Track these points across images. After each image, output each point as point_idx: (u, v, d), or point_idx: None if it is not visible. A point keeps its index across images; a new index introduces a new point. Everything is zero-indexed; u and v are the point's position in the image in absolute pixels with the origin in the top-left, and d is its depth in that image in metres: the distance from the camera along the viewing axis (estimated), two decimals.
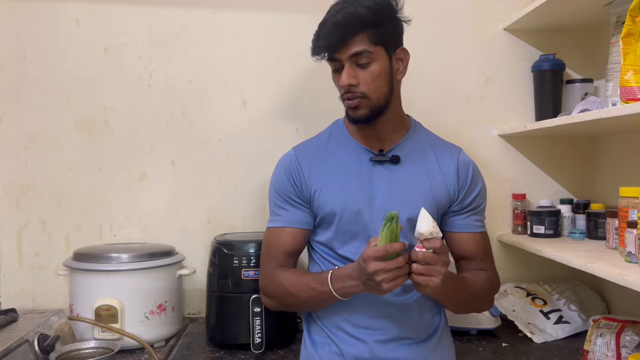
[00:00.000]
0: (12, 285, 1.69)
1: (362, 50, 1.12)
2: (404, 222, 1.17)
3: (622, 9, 1.27)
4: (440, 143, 1.29)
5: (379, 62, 1.14)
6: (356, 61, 1.13)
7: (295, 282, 1.17)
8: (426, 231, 1.01)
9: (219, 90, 1.74)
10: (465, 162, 1.26)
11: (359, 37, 1.12)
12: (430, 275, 1.02)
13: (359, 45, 1.12)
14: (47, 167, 1.70)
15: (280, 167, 1.26)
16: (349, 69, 1.13)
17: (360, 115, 1.17)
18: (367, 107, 1.16)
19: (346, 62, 1.14)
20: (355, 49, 1.12)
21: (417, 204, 1.18)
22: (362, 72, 1.14)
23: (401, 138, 1.24)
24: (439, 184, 1.22)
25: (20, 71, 1.69)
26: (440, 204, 1.22)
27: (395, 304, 1.18)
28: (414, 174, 1.22)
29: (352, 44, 1.12)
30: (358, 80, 1.14)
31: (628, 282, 1.06)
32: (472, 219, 1.25)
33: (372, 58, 1.13)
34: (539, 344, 1.50)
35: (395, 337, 1.18)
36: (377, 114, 1.17)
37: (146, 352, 1.41)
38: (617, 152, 1.69)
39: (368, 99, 1.15)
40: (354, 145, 1.24)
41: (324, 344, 1.21)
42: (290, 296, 1.18)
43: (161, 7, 1.72)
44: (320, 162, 1.23)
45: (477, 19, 1.78)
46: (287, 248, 1.22)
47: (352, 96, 1.15)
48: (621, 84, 1.14)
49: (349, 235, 1.19)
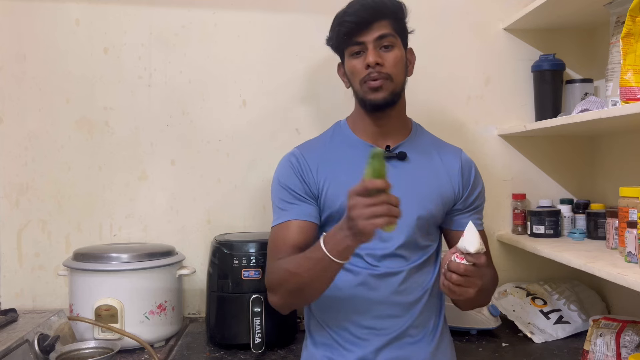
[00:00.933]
0: (12, 285, 1.69)
1: (388, 33, 1.17)
2: (414, 219, 1.18)
3: (622, 9, 1.27)
4: (442, 144, 1.31)
5: (399, 49, 1.20)
6: (381, 44, 1.17)
7: (294, 261, 1.12)
8: (475, 248, 1.00)
9: (219, 90, 1.74)
10: (468, 162, 1.28)
11: (384, 22, 1.17)
12: (467, 287, 1.02)
13: (385, 28, 1.17)
14: (47, 167, 1.70)
15: (286, 163, 1.25)
16: (374, 50, 1.16)
17: (381, 97, 1.18)
18: (389, 89, 1.18)
19: (370, 44, 1.17)
20: (381, 32, 1.16)
21: (425, 201, 1.19)
22: (386, 54, 1.18)
23: (404, 138, 1.25)
24: (445, 182, 1.23)
25: (20, 71, 1.69)
26: (446, 202, 1.23)
27: (398, 304, 1.18)
28: (421, 171, 1.22)
29: (378, 27, 1.16)
30: (384, 61, 1.17)
31: (628, 282, 1.06)
32: (474, 217, 1.26)
33: (395, 43, 1.18)
34: (539, 344, 1.50)
35: (397, 336, 1.18)
36: (393, 101, 1.20)
37: (146, 352, 1.41)
38: (617, 152, 1.69)
39: (391, 80, 1.18)
40: (359, 142, 1.24)
41: (326, 345, 1.20)
42: (292, 277, 1.12)
43: (161, 7, 1.72)
44: (326, 159, 1.23)
45: (477, 19, 1.78)
46: (294, 241, 1.17)
47: (377, 76, 1.17)
48: (621, 84, 1.14)
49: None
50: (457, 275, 1.02)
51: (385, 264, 1.18)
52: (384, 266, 1.18)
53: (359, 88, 1.20)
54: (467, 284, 1.02)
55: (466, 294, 1.03)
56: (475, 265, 1.02)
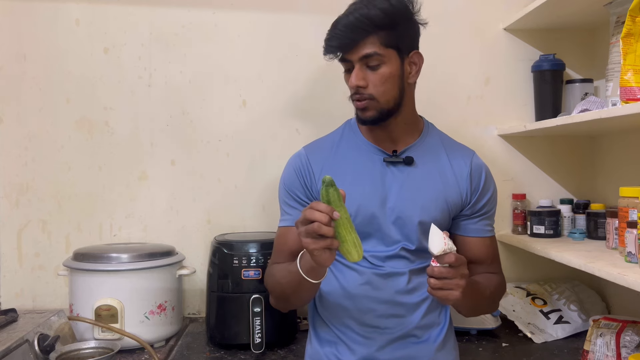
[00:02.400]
0: (12, 285, 1.69)
1: (372, 52, 1.12)
2: (416, 225, 1.17)
3: (622, 9, 1.27)
4: (454, 146, 1.28)
5: (389, 65, 1.14)
6: (366, 63, 1.14)
7: (281, 271, 1.16)
8: (438, 250, 1.00)
9: (219, 90, 1.74)
10: (478, 166, 1.25)
11: (370, 39, 1.12)
12: (450, 289, 1.02)
13: (370, 47, 1.12)
14: (47, 167, 1.70)
15: (291, 166, 1.25)
16: (359, 70, 1.14)
17: (368, 116, 1.17)
18: (375, 109, 1.16)
19: (356, 63, 1.14)
20: (365, 51, 1.12)
21: (429, 207, 1.18)
22: (371, 74, 1.14)
23: (414, 140, 1.24)
24: (452, 187, 1.22)
25: (20, 71, 1.69)
26: (452, 207, 1.21)
27: (402, 304, 1.18)
28: (427, 176, 1.21)
29: (363, 46, 1.12)
30: (367, 82, 1.14)
31: (628, 282, 1.06)
32: (483, 223, 1.25)
33: (382, 61, 1.13)
34: (539, 344, 1.50)
35: (402, 335, 1.18)
36: (385, 116, 1.17)
37: (146, 352, 1.41)
38: (617, 152, 1.69)
39: (376, 101, 1.15)
40: (367, 145, 1.23)
41: (331, 342, 1.21)
42: (278, 285, 1.17)
43: (161, 7, 1.72)
44: (331, 162, 1.22)
45: (477, 19, 1.78)
46: (292, 248, 1.19)
47: (360, 97, 1.15)
48: (621, 84, 1.14)
49: (363, 236, 1.16)
50: (433, 279, 1.02)
51: (390, 264, 1.18)
52: (388, 266, 1.18)
53: (352, 102, 1.20)
54: (447, 287, 1.01)
55: (451, 296, 1.02)
56: (451, 266, 1.01)
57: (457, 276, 1.02)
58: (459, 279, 1.02)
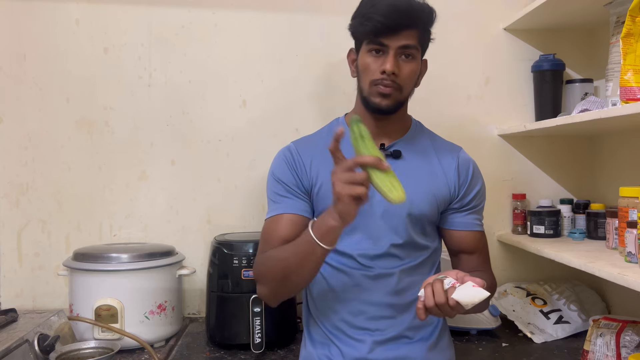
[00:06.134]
0: (12, 285, 1.69)
1: (412, 44, 1.14)
2: (404, 217, 1.17)
3: (622, 9, 1.27)
4: (441, 142, 1.29)
5: (416, 62, 1.17)
6: (402, 52, 1.14)
7: (282, 249, 1.13)
8: (466, 304, 0.97)
9: (219, 90, 1.74)
10: (465, 160, 1.26)
11: (413, 31, 1.14)
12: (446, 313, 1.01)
13: (411, 39, 1.13)
14: (47, 167, 1.70)
15: (281, 157, 1.25)
16: (394, 57, 1.13)
17: (386, 105, 1.16)
18: (397, 99, 1.17)
19: (392, 50, 1.13)
20: (407, 42, 1.13)
21: (417, 200, 1.18)
22: (404, 65, 1.15)
23: (402, 135, 1.25)
24: (440, 180, 1.22)
25: (20, 71, 1.69)
26: (440, 201, 1.22)
27: (393, 305, 1.18)
28: (415, 170, 1.22)
29: (406, 35, 1.13)
30: (400, 71, 1.14)
31: (628, 282, 1.06)
32: (472, 217, 1.25)
33: (415, 55, 1.16)
34: (539, 344, 1.50)
35: (393, 337, 1.18)
36: (397, 109, 1.19)
37: (146, 352, 1.41)
38: (617, 152, 1.69)
39: (400, 91, 1.16)
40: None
41: (324, 344, 1.20)
42: (279, 263, 1.11)
43: (161, 7, 1.72)
44: (320, 156, 1.21)
45: (477, 19, 1.78)
46: (285, 235, 1.15)
47: (390, 84, 1.14)
48: (621, 84, 1.14)
49: (349, 230, 1.14)
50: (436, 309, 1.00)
51: (379, 264, 1.18)
52: (377, 267, 1.18)
53: (367, 87, 1.17)
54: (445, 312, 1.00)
55: (450, 315, 1.02)
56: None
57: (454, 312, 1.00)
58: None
